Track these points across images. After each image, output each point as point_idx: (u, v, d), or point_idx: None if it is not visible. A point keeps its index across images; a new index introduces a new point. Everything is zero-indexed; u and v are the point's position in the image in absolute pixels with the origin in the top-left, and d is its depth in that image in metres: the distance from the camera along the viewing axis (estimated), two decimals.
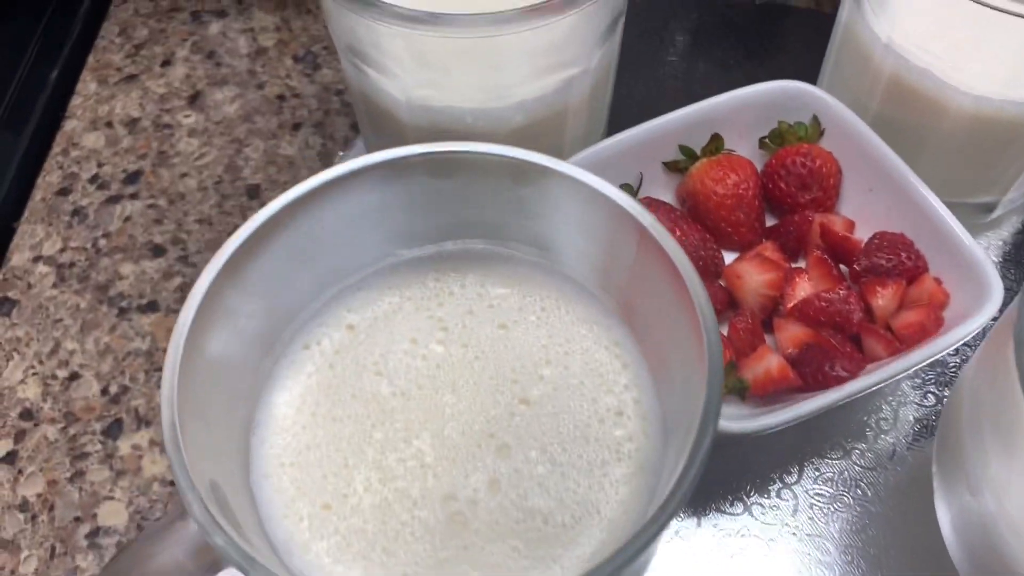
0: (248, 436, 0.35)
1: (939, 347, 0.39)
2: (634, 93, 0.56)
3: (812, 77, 0.52)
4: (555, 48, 0.39)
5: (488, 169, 0.35)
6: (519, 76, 0.40)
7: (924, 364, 0.39)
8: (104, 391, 0.47)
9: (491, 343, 0.37)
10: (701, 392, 0.30)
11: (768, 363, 0.41)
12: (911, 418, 0.44)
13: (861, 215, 0.46)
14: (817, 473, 0.42)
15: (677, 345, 0.33)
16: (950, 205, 0.48)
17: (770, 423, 0.37)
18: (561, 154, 0.45)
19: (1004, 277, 0.49)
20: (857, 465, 0.42)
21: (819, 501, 0.41)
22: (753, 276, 0.43)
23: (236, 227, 0.52)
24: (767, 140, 0.48)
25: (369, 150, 0.50)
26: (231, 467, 0.33)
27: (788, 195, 0.46)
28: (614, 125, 0.54)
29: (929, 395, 0.45)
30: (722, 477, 0.42)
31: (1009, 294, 0.47)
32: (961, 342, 0.39)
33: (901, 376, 0.40)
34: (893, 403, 0.44)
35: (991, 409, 0.35)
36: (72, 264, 0.51)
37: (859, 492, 0.42)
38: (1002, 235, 0.50)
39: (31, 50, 0.60)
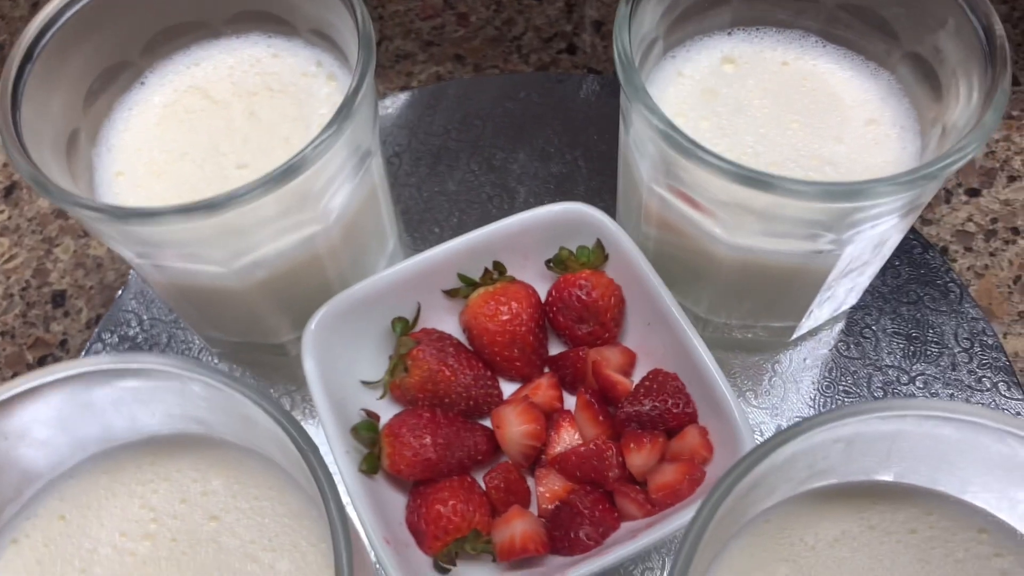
0: None
1: (678, 524, 0.38)
2: (447, 189, 0.54)
3: None
4: (275, 218, 0.38)
5: (172, 377, 0.33)
6: (243, 246, 0.38)
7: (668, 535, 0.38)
8: None
9: (201, 539, 0.36)
10: None
11: (513, 530, 0.40)
12: None
13: (642, 347, 0.45)
14: None
15: None
16: (749, 327, 0.47)
17: None
18: (329, 291, 0.43)
19: (801, 402, 0.47)
20: None
21: None
22: (514, 426, 0.42)
23: (37, 339, 0.51)
24: (552, 264, 0.46)
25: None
26: None
27: (566, 327, 0.45)
28: (419, 226, 0.53)
29: None
30: None
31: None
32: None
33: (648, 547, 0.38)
34: (663, 550, 0.43)
35: None
36: None
37: None
38: (819, 350, 0.48)
39: None
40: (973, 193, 0.54)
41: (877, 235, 0.39)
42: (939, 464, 0.34)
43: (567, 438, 0.42)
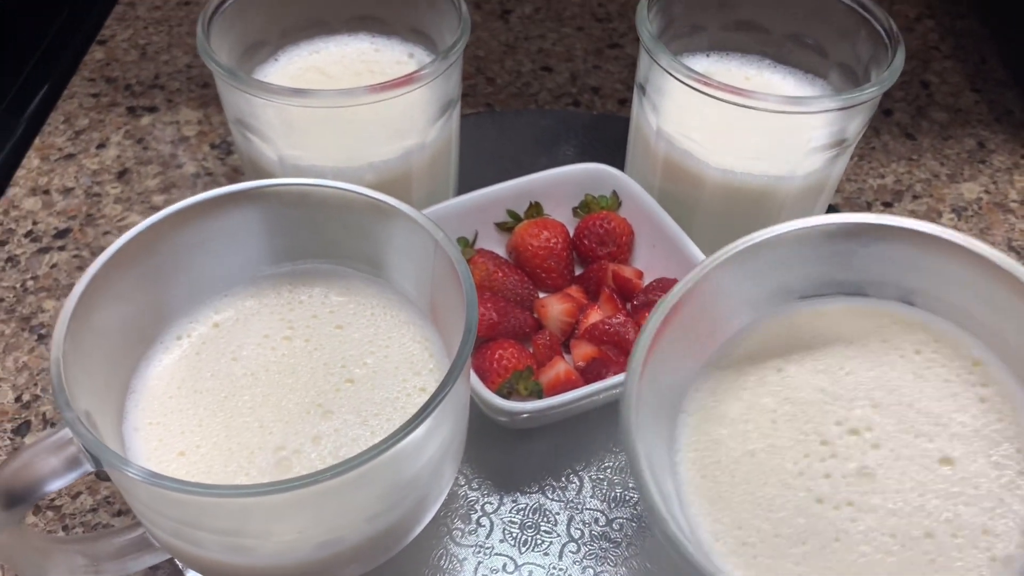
0: (124, 399, 0.44)
1: None
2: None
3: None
4: (393, 122, 0.52)
5: (326, 201, 0.46)
6: (366, 142, 0.52)
7: None
8: (18, 399, 0.55)
9: (328, 338, 0.47)
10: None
11: (558, 369, 0.51)
12: None
13: (648, 267, 0.58)
14: (601, 463, 0.52)
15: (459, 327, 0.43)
16: None
17: (541, 406, 0.47)
18: None
19: None
20: None
21: (600, 486, 0.51)
22: (555, 306, 0.54)
23: None
24: (578, 209, 0.60)
25: None
26: (106, 415, 0.42)
27: (591, 250, 0.58)
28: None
29: None
30: (523, 468, 0.51)
31: None
32: None
33: None
34: None
35: None
36: (1, 300, 0.61)
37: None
38: None
39: None
40: (887, 205, 0.70)
41: (819, 170, 0.55)
42: (949, 289, 0.42)
43: (594, 319, 0.54)
